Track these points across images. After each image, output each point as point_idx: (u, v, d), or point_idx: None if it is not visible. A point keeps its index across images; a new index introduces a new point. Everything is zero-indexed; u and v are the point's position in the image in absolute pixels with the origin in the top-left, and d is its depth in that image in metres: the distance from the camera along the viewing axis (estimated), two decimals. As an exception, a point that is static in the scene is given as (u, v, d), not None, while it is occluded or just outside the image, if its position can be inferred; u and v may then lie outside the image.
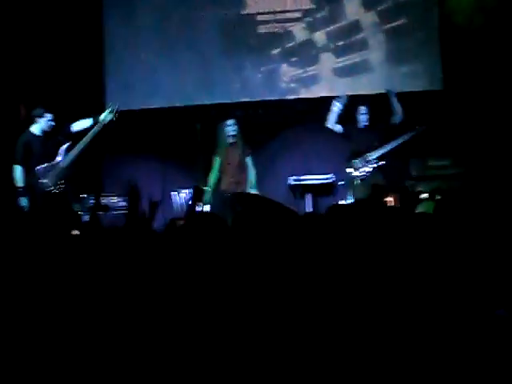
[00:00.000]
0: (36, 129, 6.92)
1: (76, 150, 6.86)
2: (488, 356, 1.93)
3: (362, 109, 7.61)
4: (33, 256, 2.69)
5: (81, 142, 6.86)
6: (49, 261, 2.65)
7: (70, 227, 6.54)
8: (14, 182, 6.79)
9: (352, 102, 7.72)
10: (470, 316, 2.06)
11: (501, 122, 7.95)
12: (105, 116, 6.93)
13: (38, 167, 6.78)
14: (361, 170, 7.52)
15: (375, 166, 7.51)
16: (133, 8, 9.13)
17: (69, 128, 6.93)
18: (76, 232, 6.68)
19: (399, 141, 7.48)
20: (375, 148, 7.50)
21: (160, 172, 8.93)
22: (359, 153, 7.55)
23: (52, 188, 6.76)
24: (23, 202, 6.74)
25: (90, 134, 6.88)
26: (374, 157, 7.50)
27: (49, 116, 6.90)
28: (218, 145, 7.72)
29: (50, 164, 6.81)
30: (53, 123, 6.90)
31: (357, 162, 7.54)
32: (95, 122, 6.91)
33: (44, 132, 6.92)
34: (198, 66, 8.96)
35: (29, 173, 6.80)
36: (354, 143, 7.60)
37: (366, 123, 7.61)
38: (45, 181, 6.77)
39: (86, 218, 7.39)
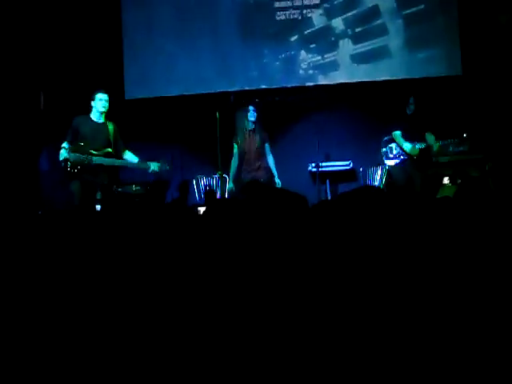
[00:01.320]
0: (93, 113, 6.71)
1: (107, 161, 6.60)
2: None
3: (411, 99, 7.55)
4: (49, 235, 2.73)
5: (113, 160, 6.68)
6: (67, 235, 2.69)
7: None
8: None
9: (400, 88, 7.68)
10: (486, 303, 2.06)
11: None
12: (152, 165, 6.75)
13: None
14: (396, 156, 7.50)
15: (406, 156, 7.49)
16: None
17: (123, 150, 6.85)
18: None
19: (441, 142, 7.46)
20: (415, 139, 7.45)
21: (179, 160, 8.96)
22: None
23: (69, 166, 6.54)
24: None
25: (122, 162, 6.82)
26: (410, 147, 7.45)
27: (99, 95, 6.66)
28: (236, 131, 7.73)
29: (87, 158, 6.51)
30: (106, 103, 6.65)
31: (392, 147, 7.53)
32: (143, 166, 6.81)
33: (102, 113, 6.68)
34: (216, 53, 8.97)
35: (75, 151, 6.52)
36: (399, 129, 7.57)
37: (411, 112, 7.55)
38: (71, 155, 6.49)
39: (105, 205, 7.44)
